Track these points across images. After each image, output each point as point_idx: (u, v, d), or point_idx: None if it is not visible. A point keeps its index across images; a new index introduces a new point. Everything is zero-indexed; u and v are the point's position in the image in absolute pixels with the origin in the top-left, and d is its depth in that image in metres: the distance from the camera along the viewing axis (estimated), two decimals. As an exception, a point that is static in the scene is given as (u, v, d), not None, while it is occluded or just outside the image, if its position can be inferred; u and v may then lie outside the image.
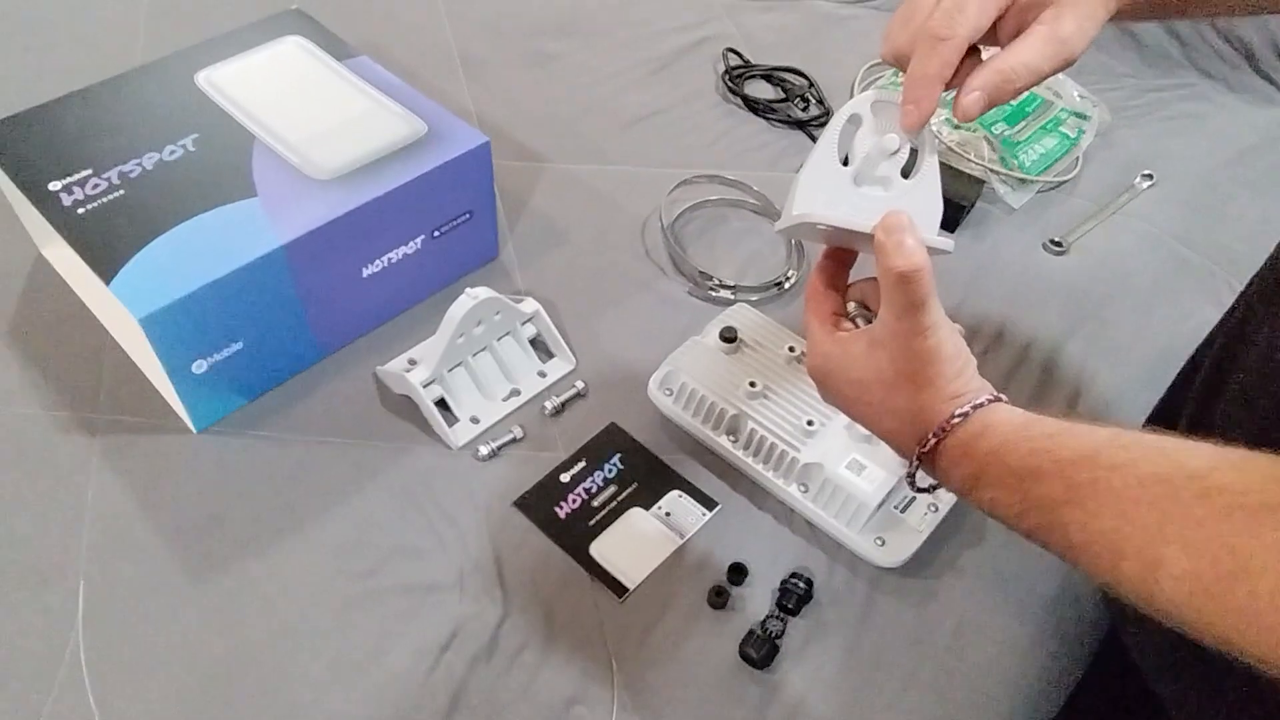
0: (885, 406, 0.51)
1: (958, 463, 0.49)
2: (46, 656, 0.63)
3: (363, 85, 0.85)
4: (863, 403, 0.53)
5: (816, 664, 0.66)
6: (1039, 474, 0.45)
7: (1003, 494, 0.46)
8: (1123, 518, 0.41)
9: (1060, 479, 0.44)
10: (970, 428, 0.48)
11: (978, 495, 0.48)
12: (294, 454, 0.75)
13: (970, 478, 0.48)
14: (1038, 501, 0.45)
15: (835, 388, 0.54)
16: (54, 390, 0.77)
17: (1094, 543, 0.42)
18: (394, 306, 0.85)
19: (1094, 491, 0.42)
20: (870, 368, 0.51)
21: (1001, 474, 0.46)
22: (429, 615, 0.66)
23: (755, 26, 1.25)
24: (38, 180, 0.75)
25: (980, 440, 0.48)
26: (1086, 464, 0.43)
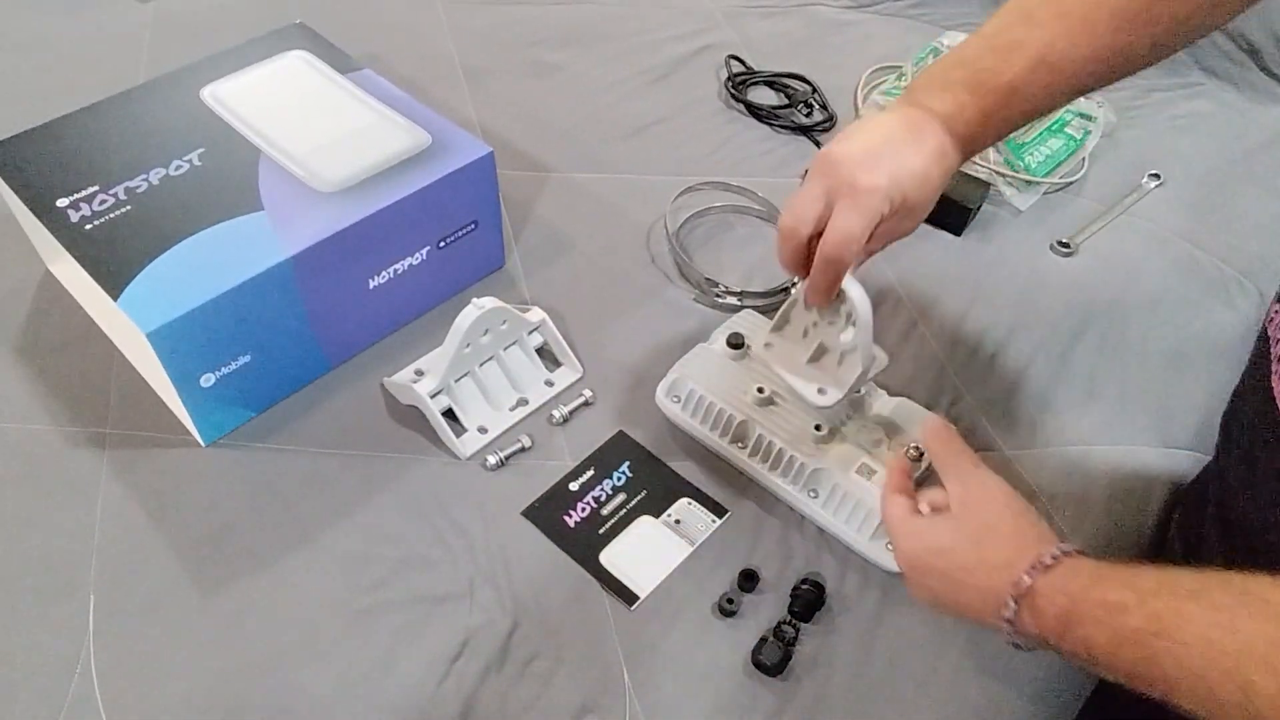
0: (980, 560, 0.54)
1: (1053, 601, 0.50)
2: (58, 669, 0.63)
3: (366, 98, 0.86)
4: (958, 562, 0.56)
5: (830, 670, 0.66)
6: (1125, 607, 0.47)
7: (1096, 631, 0.48)
8: (1208, 645, 0.43)
9: (1144, 610, 0.46)
10: (1062, 569, 0.51)
11: (1072, 636, 0.49)
12: (302, 466, 0.75)
13: (1064, 616, 0.49)
14: (1129, 635, 0.46)
15: (926, 564, 0.57)
16: (63, 405, 0.77)
17: (1186, 675, 0.44)
18: (400, 317, 0.85)
19: (1178, 621, 0.44)
20: (957, 533, 0.56)
21: (1093, 609, 0.48)
22: (439, 626, 0.66)
23: (757, 33, 1.25)
24: (45, 197, 0.75)
25: (1072, 580, 0.50)
26: (1167, 593, 0.46)
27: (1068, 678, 0.68)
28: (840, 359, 0.67)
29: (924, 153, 0.60)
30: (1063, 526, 0.75)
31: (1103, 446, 0.80)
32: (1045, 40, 0.59)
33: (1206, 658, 0.43)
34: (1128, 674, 0.47)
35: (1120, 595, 0.47)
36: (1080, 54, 0.60)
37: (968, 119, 0.61)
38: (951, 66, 0.62)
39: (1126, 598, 0.47)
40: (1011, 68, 0.60)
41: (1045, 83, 0.60)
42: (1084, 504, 0.76)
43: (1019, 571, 0.52)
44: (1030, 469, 0.78)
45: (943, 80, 0.62)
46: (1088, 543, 0.74)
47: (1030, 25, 0.60)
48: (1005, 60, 0.60)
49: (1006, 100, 0.61)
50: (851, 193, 0.58)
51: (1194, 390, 0.85)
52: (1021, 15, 0.61)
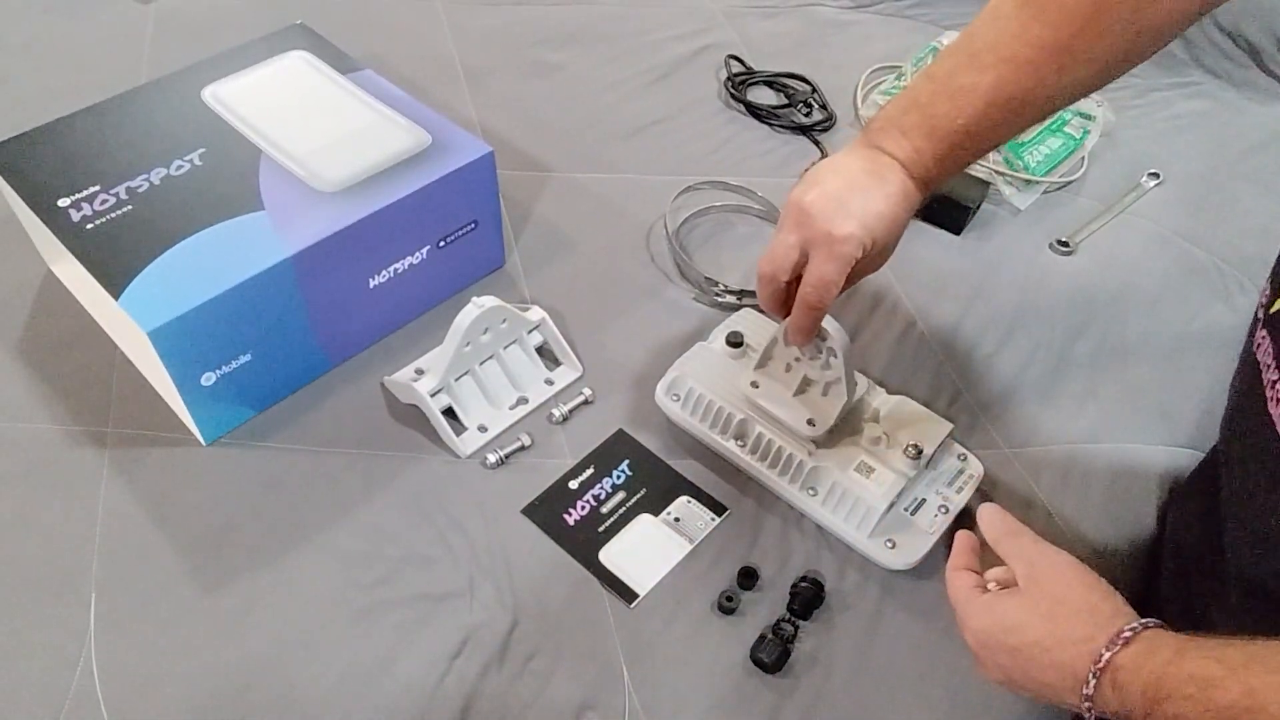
0: (1054, 636, 0.53)
1: (1136, 675, 0.49)
2: (60, 667, 0.63)
3: (367, 98, 0.86)
4: (1031, 638, 0.54)
5: (828, 668, 0.66)
6: (1217, 681, 0.45)
7: (1186, 706, 0.46)
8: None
9: (1237, 683, 0.44)
10: (1142, 643, 0.49)
11: (1160, 712, 0.48)
12: (303, 465, 0.75)
13: (1150, 690, 0.48)
14: (1223, 710, 0.45)
15: (998, 641, 0.56)
16: (64, 405, 0.78)
17: None
18: (401, 317, 0.85)
19: (1274, 695, 0.43)
20: (1029, 610, 0.55)
21: (1181, 683, 0.46)
22: (439, 624, 0.66)
23: (756, 33, 1.25)
24: (46, 197, 0.75)
25: (1154, 654, 0.49)
26: (1259, 665, 0.44)
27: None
28: (825, 390, 0.72)
29: (889, 197, 0.63)
30: (1061, 526, 0.75)
31: (1102, 445, 0.80)
32: (991, 85, 0.62)
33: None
34: None
35: (1209, 669, 0.46)
36: (1026, 96, 0.62)
37: (925, 163, 0.64)
38: (908, 109, 0.65)
39: (1216, 671, 0.46)
40: (964, 112, 0.62)
41: (996, 123, 0.63)
42: (1083, 502, 0.76)
43: (1099, 646, 0.50)
44: (1029, 467, 0.78)
45: (899, 125, 0.65)
46: (1087, 541, 0.74)
47: (977, 70, 0.62)
48: (957, 105, 0.63)
49: (961, 141, 0.63)
50: (827, 241, 0.62)
51: (1193, 388, 0.85)
52: (968, 58, 0.63)
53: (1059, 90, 0.63)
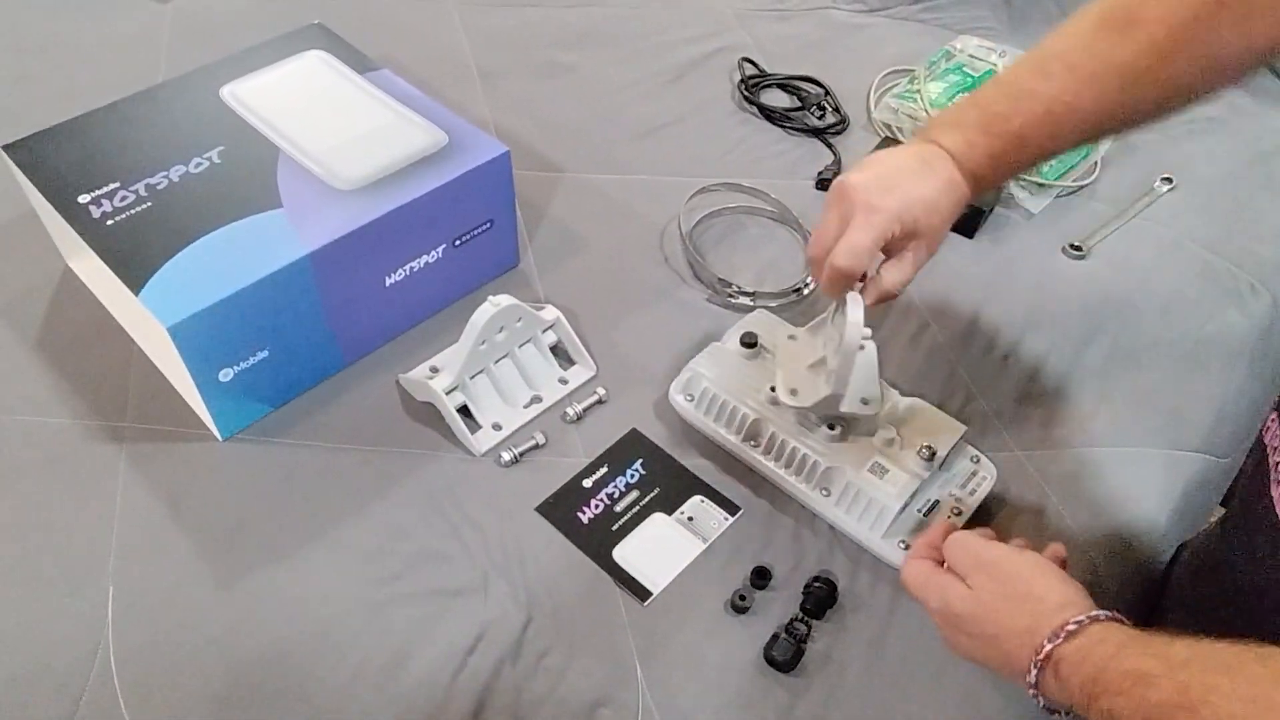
0: (1001, 629, 0.54)
1: (1077, 668, 0.50)
2: (78, 660, 0.63)
3: (384, 97, 0.86)
4: (980, 635, 0.56)
5: (841, 667, 0.66)
6: (1153, 678, 0.46)
7: (1122, 701, 0.47)
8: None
9: (1173, 682, 0.45)
10: (1087, 636, 0.50)
11: (1097, 706, 0.48)
12: (319, 461, 0.76)
13: (1089, 683, 0.49)
14: (1154, 707, 0.45)
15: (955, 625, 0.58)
16: (82, 400, 0.78)
17: None
18: (416, 315, 0.86)
19: (1206, 695, 0.43)
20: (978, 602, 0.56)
21: (1118, 679, 0.47)
22: (454, 619, 0.67)
23: (769, 36, 1.25)
24: (67, 193, 0.76)
25: (1099, 647, 0.49)
26: (1199, 665, 0.45)
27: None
28: (829, 377, 0.70)
29: (934, 182, 0.64)
30: (1072, 527, 0.75)
31: (1114, 449, 0.80)
32: (1053, 93, 0.63)
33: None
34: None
35: (1147, 665, 0.46)
36: (1086, 108, 0.63)
37: (977, 158, 0.65)
38: (967, 107, 0.67)
39: (1153, 668, 0.46)
40: (1020, 115, 0.63)
41: (1050, 132, 0.64)
42: (1094, 506, 0.76)
43: (1041, 638, 0.51)
44: (1041, 469, 0.78)
45: (956, 120, 0.66)
46: (1098, 544, 0.74)
47: (1042, 77, 0.63)
48: (1016, 107, 0.64)
49: (1014, 145, 0.64)
50: (864, 210, 0.63)
51: (1205, 394, 0.85)
52: (1036, 67, 0.64)
53: (1120, 109, 0.63)
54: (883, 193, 0.63)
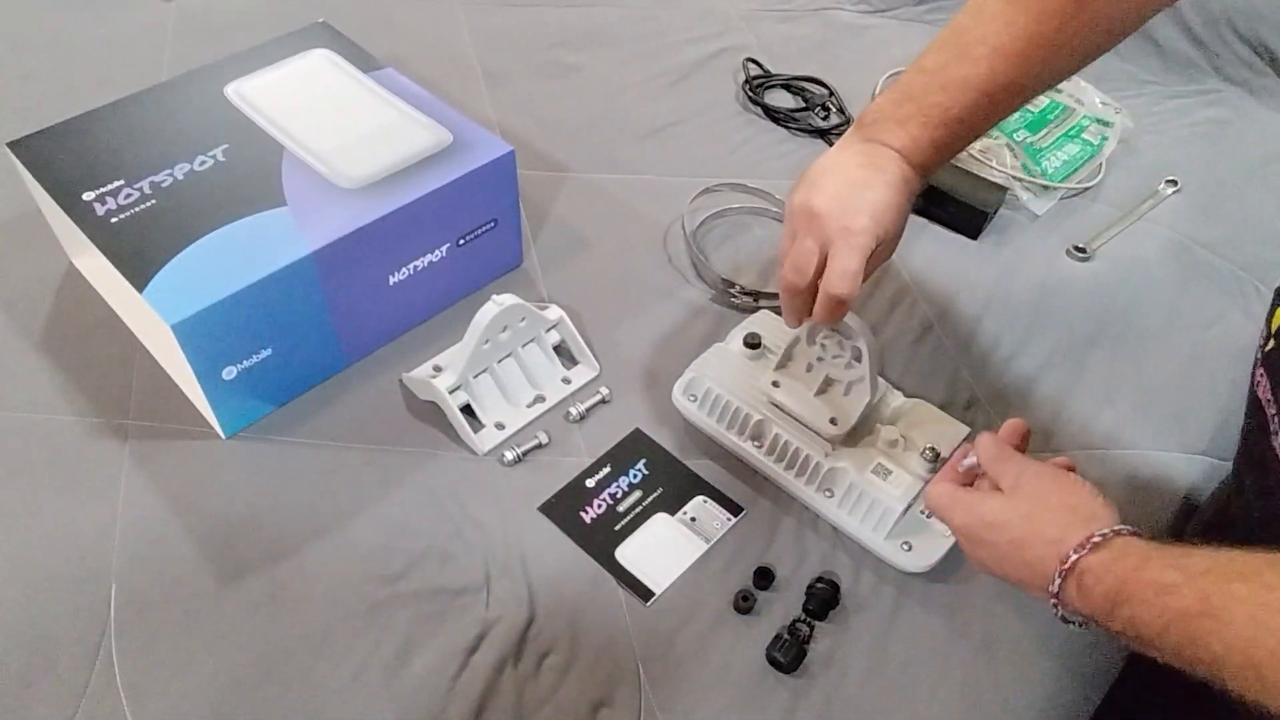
0: (1029, 535, 0.56)
1: (1100, 579, 0.51)
2: (80, 658, 0.63)
3: (388, 96, 0.86)
4: (1008, 537, 0.57)
5: (844, 669, 0.66)
6: (1174, 588, 0.47)
7: (1143, 610, 0.48)
8: (1256, 624, 0.44)
9: (1193, 590, 0.46)
10: (1111, 549, 0.52)
11: (1119, 615, 0.50)
12: (321, 460, 0.76)
13: (1111, 594, 0.50)
14: (1176, 615, 0.47)
15: (978, 537, 0.59)
16: (86, 397, 0.78)
17: (1232, 654, 0.44)
18: (420, 314, 0.86)
19: (1225, 602, 0.45)
20: (1008, 510, 0.58)
21: (1140, 589, 0.49)
22: (456, 619, 0.67)
23: (774, 36, 1.25)
24: (71, 191, 0.76)
25: (1121, 560, 0.51)
26: (1218, 574, 0.46)
27: (1085, 679, 0.68)
28: (847, 389, 0.72)
29: (891, 186, 0.65)
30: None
31: (1118, 451, 0.80)
32: (985, 75, 0.65)
33: (1253, 638, 0.43)
34: (1174, 654, 0.48)
35: (1169, 576, 0.48)
36: (1015, 82, 0.65)
37: (923, 150, 0.66)
38: (899, 102, 0.67)
39: (1175, 578, 0.48)
40: (958, 102, 0.65)
41: (988, 110, 0.66)
42: (1099, 507, 0.76)
43: (1067, 548, 0.53)
44: (1045, 472, 0.78)
45: (894, 117, 0.67)
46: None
47: (970, 62, 0.65)
48: (951, 96, 0.65)
49: (956, 130, 0.66)
50: (844, 235, 0.63)
51: (1209, 395, 0.85)
52: (958, 52, 0.66)
53: (1044, 79, 0.67)
54: (854, 213, 0.63)
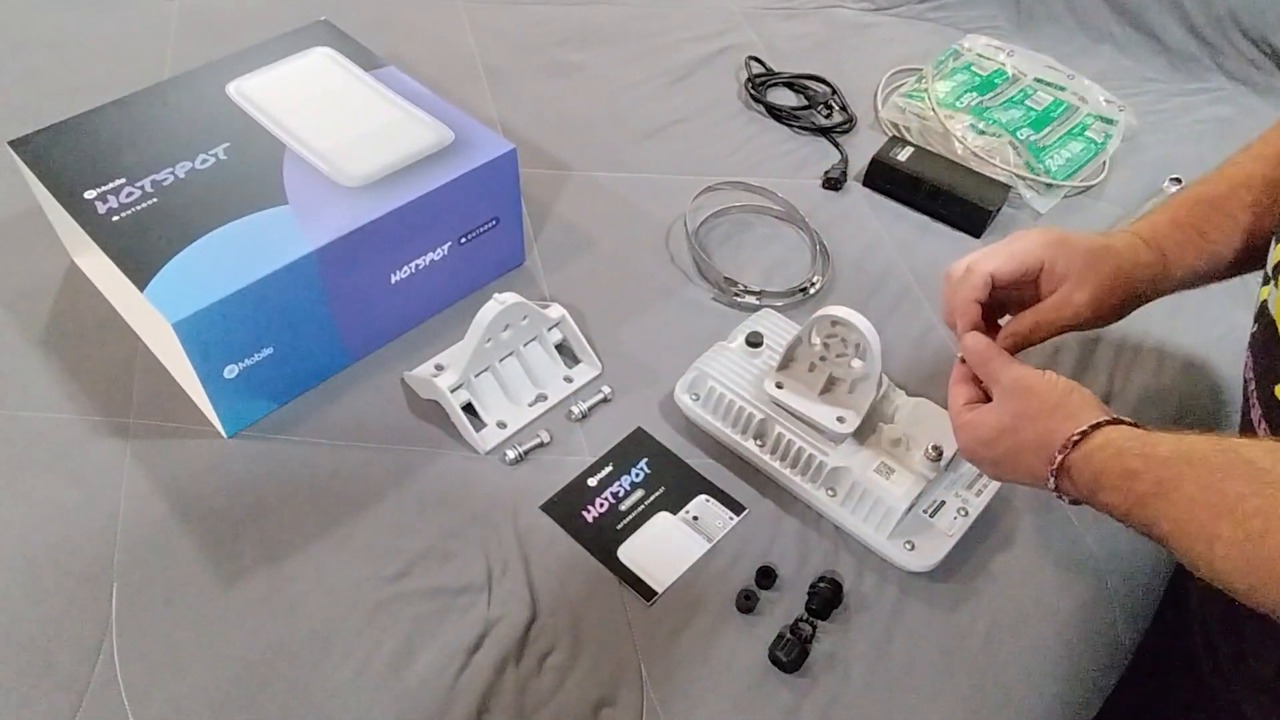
0: (1020, 444, 0.58)
1: (1082, 472, 0.55)
2: (81, 657, 0.63)
3: (390, 95, 0.86)
4: (1002, 449, 0.60)
5: (846, 668, 0.66)
6: (1137, 474, 0.51)
7: (1113, 496, 0.52)
8: (1193, 503, 0.48)
9: (1151, 475, 0.50)
10: (1092, 442, 0.55)
11: (1098, 501, 0.54)
12: (323, 458, 0.76)
13: (1091, 483, 0.54)
14: (1138, 498, 0.51)
15: (978, 454, 0.62)
16: (87, 396, 0.78)
17: (1176, 531, 0.49)
18: (421, 312, 0.85)
19: (1175, 484, 0.49)
20: (998, 421, 0.60)
21: (1113, 477, 0.53)
22: (458, 618, 0.67)
23: (776, 34, 1.25)
24: (73, 189, 0.76)
25: (1099, 451, 0.54)
26: (1175, 460, 0.50)
27: (1088, 678, 0.67)
28: (851, 387, 0.72)
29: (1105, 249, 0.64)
30: (1080, 530, 0.74)
31: (1122, 449, 0.80)
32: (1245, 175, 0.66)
33: (1190, 514, 0.48)
34: (1144, 533, 0.52)
35: (1134, 464, 0.52)
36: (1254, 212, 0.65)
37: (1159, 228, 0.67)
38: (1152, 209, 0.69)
39: (1139, 465, 0.51)
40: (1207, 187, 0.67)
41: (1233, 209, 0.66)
42: (1103, 506, 0.76)
43: (1053, 449, 0.56)
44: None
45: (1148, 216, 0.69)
46: (1108, 545, 0.73)
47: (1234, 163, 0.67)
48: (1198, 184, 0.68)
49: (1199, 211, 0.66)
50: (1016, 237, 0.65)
51: (1213, 396, 0.85)
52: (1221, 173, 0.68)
53: None
54: (1047, 230, 0.65)
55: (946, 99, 1.10)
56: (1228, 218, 0.66)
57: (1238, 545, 0.45)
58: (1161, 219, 0.67)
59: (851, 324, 0.67)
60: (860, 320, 0.67)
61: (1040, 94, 1.11)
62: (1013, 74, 1.14)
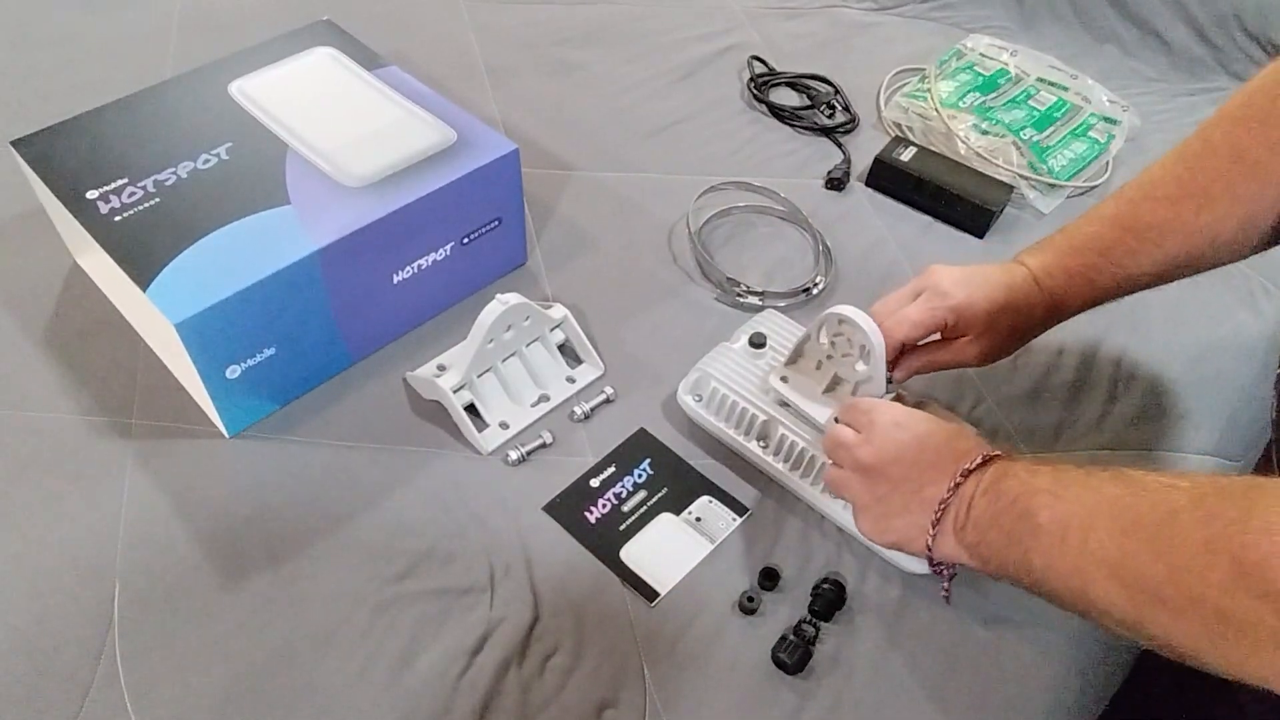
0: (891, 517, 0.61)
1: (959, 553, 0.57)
2: (83, 658, 0.63)
3: (393, 94, 0.86)
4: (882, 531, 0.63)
5: (850, 669, 0.66)
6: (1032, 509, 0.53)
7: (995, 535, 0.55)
8: (1078, 503, 0.51)
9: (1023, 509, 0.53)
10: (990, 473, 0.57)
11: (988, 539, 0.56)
12: (326, 459, 0.75)
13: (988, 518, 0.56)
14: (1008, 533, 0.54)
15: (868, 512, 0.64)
16: (89, 396, 0.78)
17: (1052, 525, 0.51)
18: (424, 312, 0.85)
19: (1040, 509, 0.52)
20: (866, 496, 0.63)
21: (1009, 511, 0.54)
22: (460, 619, 0.66)
23: (779, 34, 1.25)
24: (75, 189, 0.76)
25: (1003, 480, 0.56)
26: (1045, 496, 0.52)
27: (1092, 679, 0.67)
28: (855, 389, 0.71)
29: (1006, 288, 0.69)
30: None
31: (1125, 452, 0.80)
32: (1128, 212, 0.68)
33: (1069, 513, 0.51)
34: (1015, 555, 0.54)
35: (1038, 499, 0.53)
36: (1165, 224, 0.67)
37: (1054, 275, 0.70)
38: (1056, 234, 0.72)
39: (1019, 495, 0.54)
40: (1101, 236, 0.68)
41: (1133, 247, 0.68)
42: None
43: (925, 528, 0.59)
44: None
45: (1044, 244, 0.72)
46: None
47: (1120, 201, 0.69)
48: (1095, 229, 0.69)
49: (1094, 262, 0.69)
50: (934, 296, 0.69)
51: (1217, 395, 0.85)
52: (1116, 194, 0.70)
53: (1197, 230, 0.66)
54: (956, 285, 0.68)
55: (949, 99, 1.09)
56: (1122, 266, 0.68)
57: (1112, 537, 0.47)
58: (1058, 266, 0.69)
59: (857, 325, 0.67)
60: (866, 322, 0.67)
61: (1043, 94, 1.11)
62: (1016, 74, 1.14)
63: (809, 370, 0.73)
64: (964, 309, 0.68)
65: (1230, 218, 0.65)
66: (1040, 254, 0.71)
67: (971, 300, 0.68)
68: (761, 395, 0.75)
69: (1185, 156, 0.66)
